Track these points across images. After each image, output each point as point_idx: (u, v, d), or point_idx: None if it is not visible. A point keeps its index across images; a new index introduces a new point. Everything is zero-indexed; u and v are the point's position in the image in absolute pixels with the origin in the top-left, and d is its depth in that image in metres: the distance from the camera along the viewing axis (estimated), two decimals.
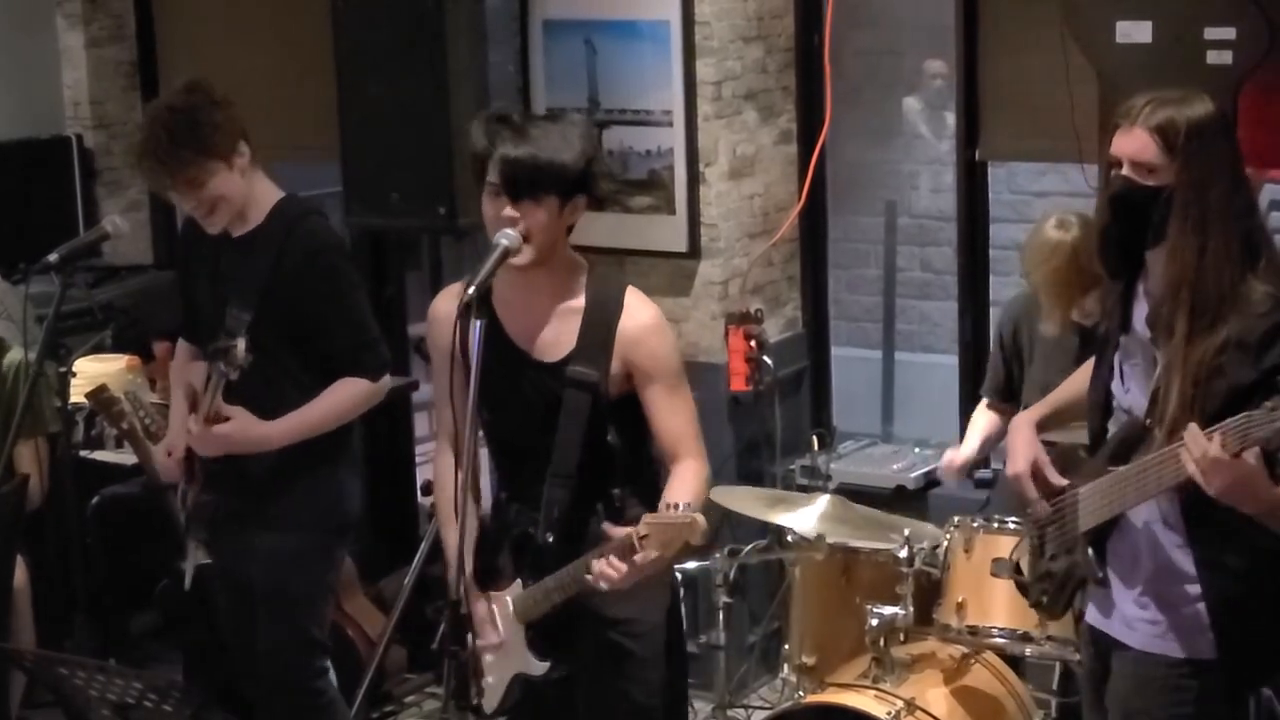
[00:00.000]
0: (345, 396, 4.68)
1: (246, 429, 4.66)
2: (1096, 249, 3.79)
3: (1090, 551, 3.70)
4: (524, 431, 4.15)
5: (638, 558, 3.80)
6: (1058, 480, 3.77)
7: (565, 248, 4.14)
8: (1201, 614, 3.61)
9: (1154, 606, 3.66)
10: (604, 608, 4.10)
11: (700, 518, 3.77)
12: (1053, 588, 3.84)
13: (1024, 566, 3.97)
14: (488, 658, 4.24)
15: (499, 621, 4.19)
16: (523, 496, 4.18)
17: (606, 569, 3.83)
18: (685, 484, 4.01)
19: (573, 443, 4.07)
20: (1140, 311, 3.67)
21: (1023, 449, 3.85)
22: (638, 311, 4.10)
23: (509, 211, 3.98)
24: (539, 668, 4.16)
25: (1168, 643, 3.65)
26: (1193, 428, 3.35)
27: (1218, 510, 3.45)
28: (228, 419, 4.67)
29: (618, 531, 3.85)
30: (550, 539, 4.08)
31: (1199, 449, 3.32)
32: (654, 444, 4.13)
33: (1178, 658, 3.64)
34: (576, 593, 4.02)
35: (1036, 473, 3.80)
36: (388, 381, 4.81)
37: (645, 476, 4.18)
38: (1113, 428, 3.76)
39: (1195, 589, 3.62)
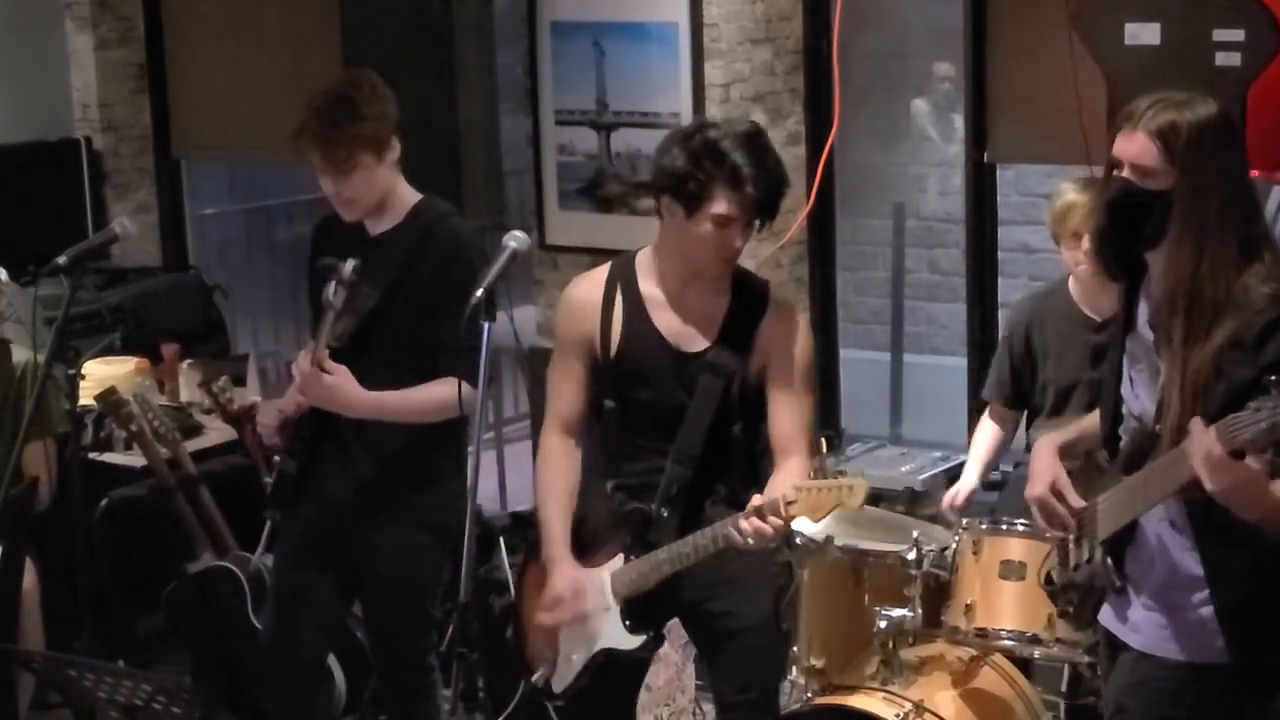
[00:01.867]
0: (441, 394, 4.57)
1: (341, 384, 4.64)
2: (1093, 251, 3.78)
3: (1109, 560, 3.67)
4: (654, 418, 4.30)
5: (780, 521, 4.00)
6: (1077, 502, 3.72)
7: None
8: (1208, 618, 3.58)
9: (1161, 610, 3.64)
10: (704, 600, 4.35)
11: (862, 480, 3.98)
12: (1077, 598, 3.82)
13: (1055, 576, 3.94)
14: (566, 635, 4.36)
15: (589, 593, 4.32)
16: (637, 480, 4.32)
17: (760, 525, 4.00)
18: (787, 478, 4.17)
19: (701, 426, 4.25)
20: (1144, 313, 3.66)
21: (1043, 472, 3.79)
22: (784, 311, 4.34)
23: (739, 242, 4.20)
24: (633, 642, 4.31)
25: (1169, 645, 3.62)
26: (1197, 424, 3.33)
27: (1223, 514, 3.43)
28: (329, 372, 4.67)
29: (759, 499, 4.03)
30: (665, 514, 4.25)
31: (1202, 447, 3.30)
32: (768, 435, 4.31)
33: (1177, 660, 3.61)
34: (687, 566, 4.19)
35: (1057, 494, 3.76)
36: (474, 397, 4.66)
37: (758, 471, 4.34)
38: (1124, 435, 3.74)
39: (1203, 593, 3.58)
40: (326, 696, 5.27)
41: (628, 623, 4.30)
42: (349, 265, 4.57)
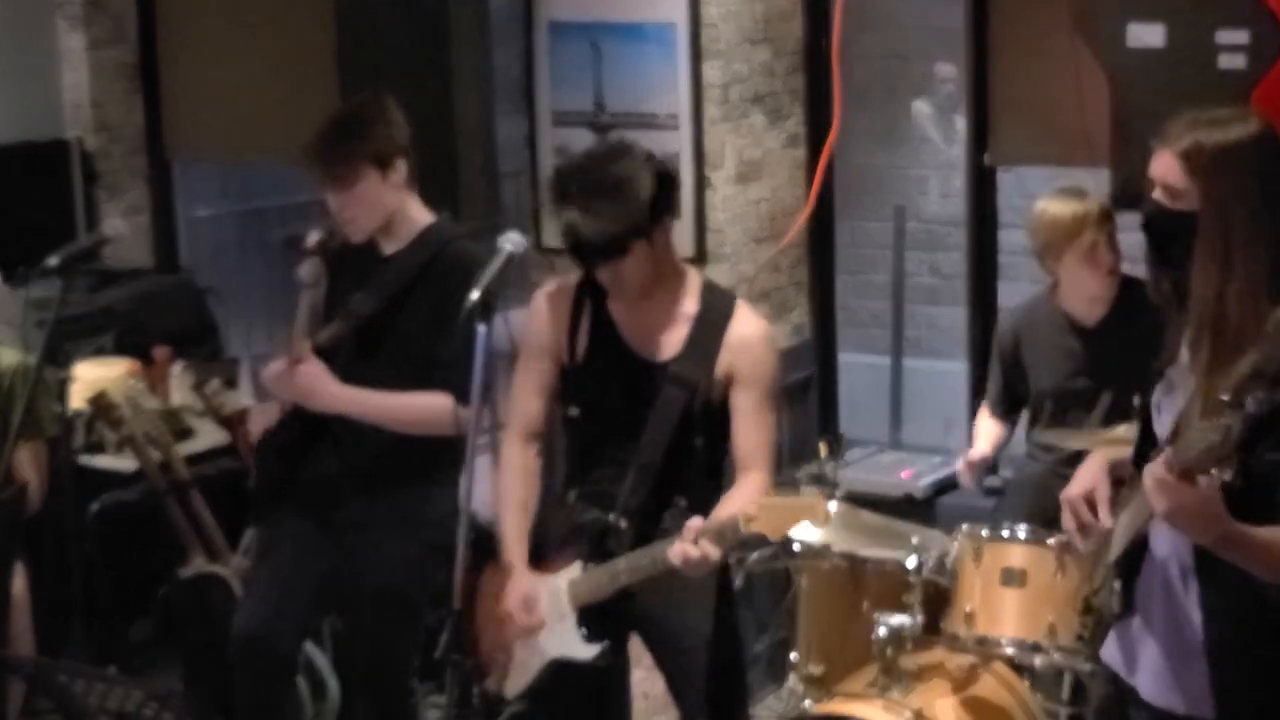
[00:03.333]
0: (425, 404, 4.61)
1: (319, 378, 4.67)
2: (1149, 276, 3.70)
3: (1118, 584, 3.60)
4: (617, 427, 4.30)
5: (711, 548, 3.97)
6: (1106, 519, 3.62)
7: (672, 259, 4.34)
8: (1205, 668, 3.48)
9: (1162, 655, 3.55)
10: (658, 616, 4.36)
11: (821, 501, 3.94)
12: (1092, 623, 3.76)
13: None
14: (521, 641, 4.35)
15: (545, 601, 4.32)
16: (597, 489, 4.32)
17: (689, 550, 3.98)
18: (745, 495, 4.16)
19: (662, 436, 4.25)
20: (1187, 339, 3.60)
21: (1085, 478, 3.69)
22: (748, 320, 4.33)
23: (600, 273, 4.23)
24: (588, 651, 4.29)
25: (1172, 697, 3.52)
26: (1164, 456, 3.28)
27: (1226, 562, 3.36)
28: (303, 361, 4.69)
29: (697, 522, 4.00)
30: (624, 525, 4.24)
31: (1150, 472, 3.24)
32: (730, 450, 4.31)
33: (1180, 714, 3.51)
34: (644, 578, 4.17)
35: (1090, 504, 3.65)
36: (466, 416, 4.65)
37: (720, 484, 4.34)
38: None
39: (1200, 639, 3.48)
40: (295, 697, 5.27)
41: (584, 631, 4.30)
42: (312, 236, 4.58)
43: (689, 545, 3.97)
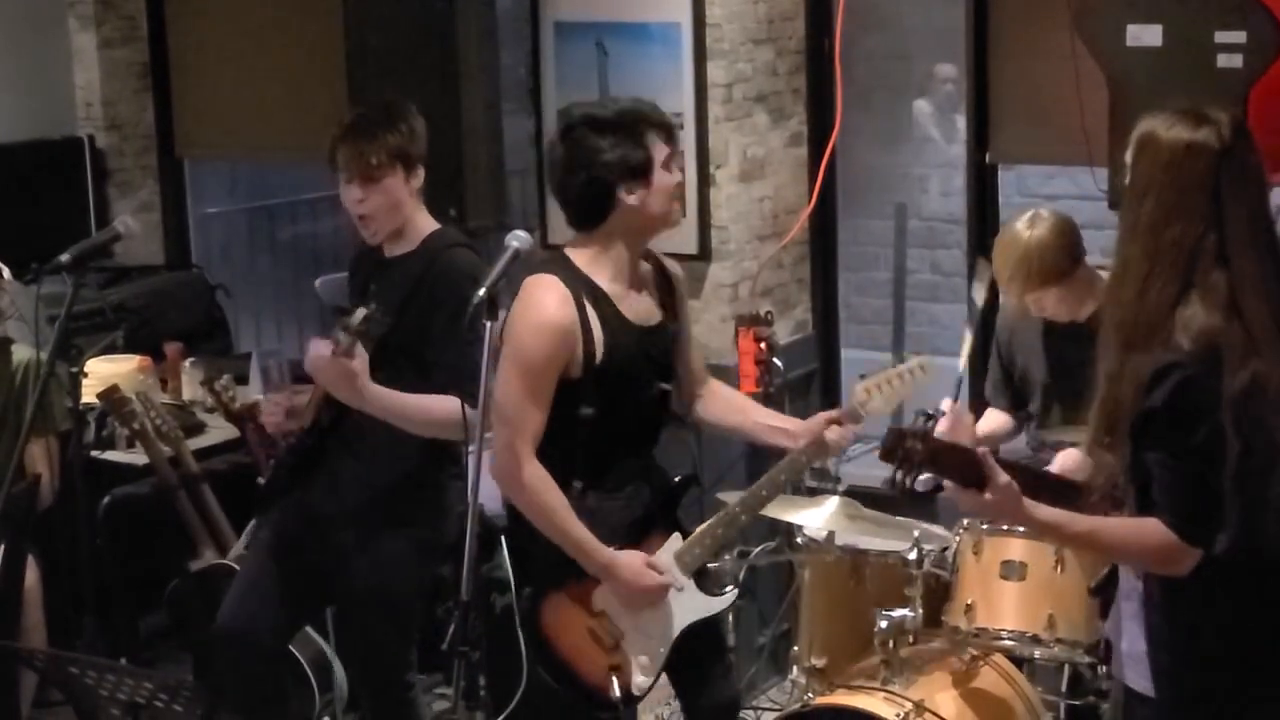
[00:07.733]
0: (443, 407, 4.58)
1: (356, 373, 4.61)
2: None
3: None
4: (651, 395, 4.41)
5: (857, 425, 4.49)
6: None
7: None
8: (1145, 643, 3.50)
9: (1122, 630, 3.56)
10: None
11: (925, 358, 4.50)
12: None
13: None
14: (630, 640, 4.36)
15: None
16: (613, 484, 4.38)
17: (844, 433, 4.50)
18: (733, 396, 4.75)
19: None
20: None
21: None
22: (674, 264, 4.57)
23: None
24: (723, 601, 4.49)
25: (1125, 670, 3.55)
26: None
27: None
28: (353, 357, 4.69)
29: (832, 414, 4.53)
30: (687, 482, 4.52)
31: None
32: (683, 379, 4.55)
33: (1131, 688, 3.53)
34: (747, 520, 4.47)
35: None
36: (474, 419, 4.62)
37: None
38: None
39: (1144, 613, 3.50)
40: (287, 689, 5.29)
41: (715, 590, 4.45)
42: (359, 314, 4.54)
43: (839, 429, 4.42)
